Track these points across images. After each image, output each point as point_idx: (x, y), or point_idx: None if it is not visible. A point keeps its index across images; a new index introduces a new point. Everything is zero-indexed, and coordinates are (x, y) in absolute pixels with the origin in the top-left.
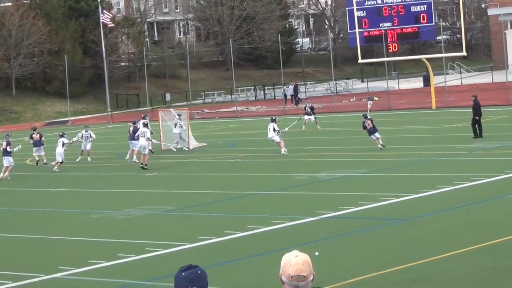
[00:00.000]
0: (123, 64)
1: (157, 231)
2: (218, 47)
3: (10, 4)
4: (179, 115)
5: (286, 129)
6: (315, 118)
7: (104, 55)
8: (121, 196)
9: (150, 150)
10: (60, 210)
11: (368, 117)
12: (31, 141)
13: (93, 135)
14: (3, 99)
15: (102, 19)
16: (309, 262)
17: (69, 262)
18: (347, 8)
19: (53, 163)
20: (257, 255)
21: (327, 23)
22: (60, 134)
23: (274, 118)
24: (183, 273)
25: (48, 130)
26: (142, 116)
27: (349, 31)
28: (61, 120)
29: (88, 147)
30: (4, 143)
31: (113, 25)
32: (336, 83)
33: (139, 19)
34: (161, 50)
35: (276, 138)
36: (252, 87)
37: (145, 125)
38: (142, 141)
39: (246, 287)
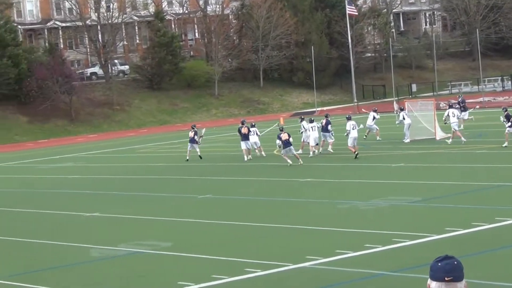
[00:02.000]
0: (369, 55)
1: (403, 221)
2: (465, 37)
3: None
4: (400, 108)
5: None
6: None
7: (350, 46)
8: (367, 186)
9: None
10: (306, 200)
11: None
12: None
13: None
14: (251, 90)
15: (348, 10)
16: None
17: (316, 252)
18: None
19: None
20: (507, 247)
21: None
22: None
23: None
24: (439, 263)
25: (293, 121)
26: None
27: None
28: (308, 110)
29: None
30: (192, 133)
31: (357, 14)
32: None
33: (385, 10)
34: (407, 41)
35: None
36: (500, 78)
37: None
38: (353, 134)
39: (496, 279)
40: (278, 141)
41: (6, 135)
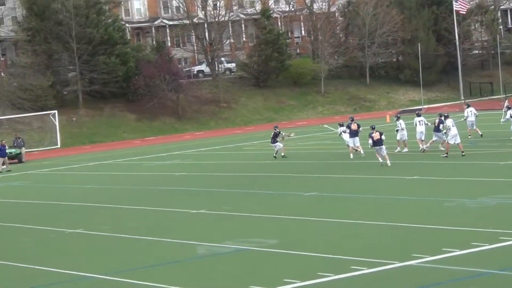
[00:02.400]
0: (476, 52)
1: (511, 220)
2: None
3: None
4: (508, 107)
5: None
6: None
7: (457, 43)
8: (474, 184)
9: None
10: (413, 198)
11: None
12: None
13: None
14: (357, 88)
15: (455, 6)
16: None
17: (422, 250)
18: None
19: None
20: None
21: None
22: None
23: None
24: None
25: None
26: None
27: None
28: (414, 108)
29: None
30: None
31: (464, 12)
32: None
33: (492, 7)
34: None
35: None
36: None
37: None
38: (453, 131)
39: None
40: (369, 140)
41: (115, 133)
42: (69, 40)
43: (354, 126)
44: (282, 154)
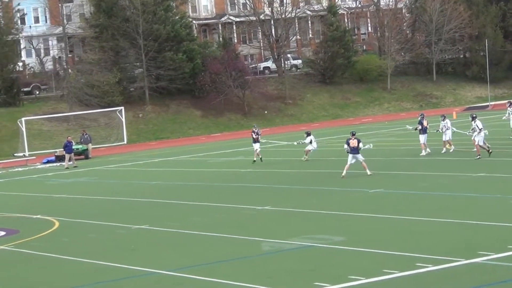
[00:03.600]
0: None
1: None
2: None
3: None
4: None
5: None
6: None
7: None
8: None
9: None
10: (479, 195)
11: None
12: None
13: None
14: (424, 84)
15: None
16: None
17: (488, 247)
18: None
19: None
20: None
21: None
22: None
23: None
24: None
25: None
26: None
27: None
28: (481, 105)
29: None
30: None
31: None
32: None
33: None
34: None
35: None
36: None
37: None
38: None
39: None
40: (345, 146)
41: (181, 129)
42: (136, 36)
43: (425, 123)
44: (259, 157)
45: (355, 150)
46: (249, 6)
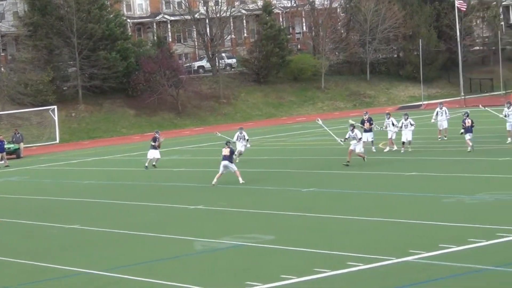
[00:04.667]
0: (477, 48)
1: (509, 216)
2: None
3: None
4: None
5: None
6: None
7: (458, 39)
8: (473, 180)
9: None
10: (411, 194)
11: None
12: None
13: (412, 123)
14: (358, 84)
15: (457, 3)
16: None
17: (419, 246)
18: None
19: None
20: None
21: None
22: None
23: None
24: None
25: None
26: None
27: None
28: (414, 104)
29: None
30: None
31: (464, 9)
32: None
33: (494, 3)
34: None
35: None
36: None
37: None
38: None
39: None
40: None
41: (114, 128)
42: (70, 35)
43: (367, 125)
44: (154, 163)
45: (228, 158)
46: (184, 5)
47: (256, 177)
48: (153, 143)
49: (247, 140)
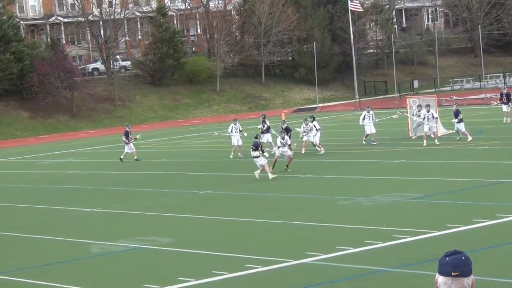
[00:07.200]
0: (371, 51)
1: (404, 218)
2: (467, 34)
3: None
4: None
5: None
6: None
7: (352, 42)
8: (369, 182)
9: None
10: (307, 196)
11: None
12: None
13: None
14: (253, 86)
15: (351, 6)
16: None
17: (317, 248)
18: None
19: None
20: (509, 243)
21: None
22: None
23: None
24: (447, 258)
25: (296, 117)
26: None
27: None
28: (310, 106)
29: (239, 142)
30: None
31: (361, 10)
32: None
33: (387, 6)
34: (409, 37)
35: None
36: (502, 74)
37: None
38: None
39: (497, 275)
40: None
41: (8, 130)
42: None
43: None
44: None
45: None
46: (78, 6)
47: (153, 180)
48: (125, 140)
49: (241, 131)
